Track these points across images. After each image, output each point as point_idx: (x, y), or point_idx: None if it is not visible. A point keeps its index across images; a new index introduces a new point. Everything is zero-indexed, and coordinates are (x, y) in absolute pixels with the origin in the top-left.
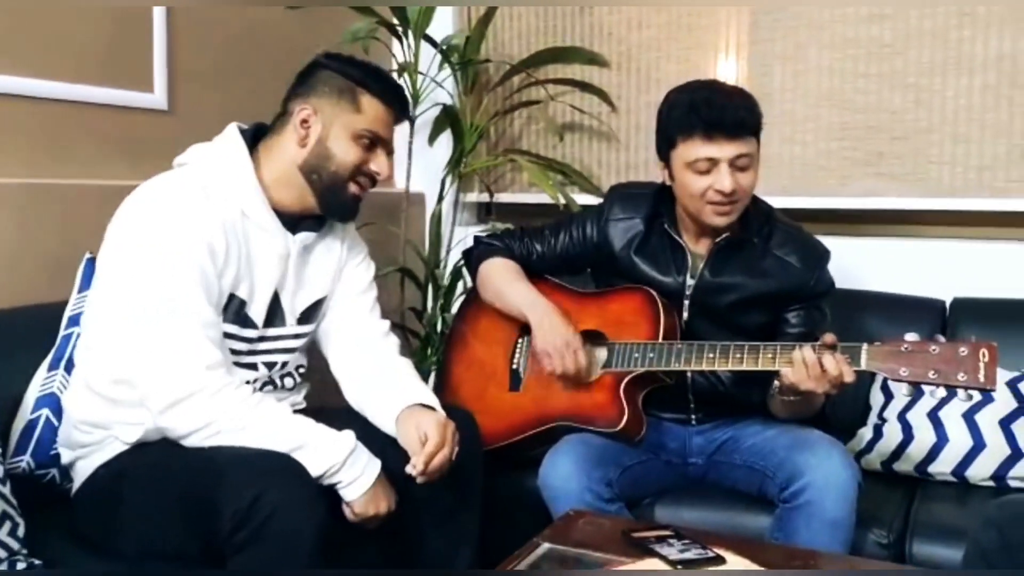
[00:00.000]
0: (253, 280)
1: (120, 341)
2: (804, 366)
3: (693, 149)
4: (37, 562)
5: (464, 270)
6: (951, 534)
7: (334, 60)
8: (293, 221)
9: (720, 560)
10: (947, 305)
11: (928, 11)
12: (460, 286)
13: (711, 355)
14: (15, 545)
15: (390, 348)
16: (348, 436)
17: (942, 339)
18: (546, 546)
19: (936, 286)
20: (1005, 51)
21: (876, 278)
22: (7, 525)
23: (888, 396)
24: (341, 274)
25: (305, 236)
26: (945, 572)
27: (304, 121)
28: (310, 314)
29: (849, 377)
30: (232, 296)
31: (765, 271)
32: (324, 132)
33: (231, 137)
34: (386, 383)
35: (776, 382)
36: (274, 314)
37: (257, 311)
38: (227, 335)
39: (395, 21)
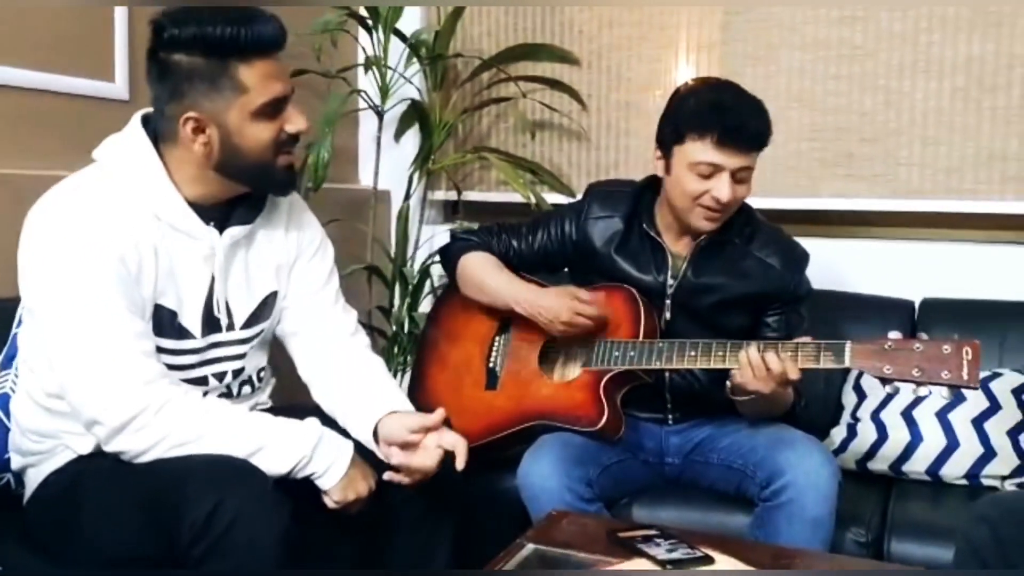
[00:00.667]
0: (178, 287)
1: (52, 360)
2: (749, 366)
3: (702, 151)
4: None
5: (437, 268)
6: (928, 532)
7: (181, 26)
8: (223, 214)
9: (708, 560)
10: (916, 305)
11: (898, 14)
12: (428, 285)
13: (692, 353)
14: None
15: (359, 347)
16: (312, 424)
17: (925, 337)
18: (531, 547)
19: (905, 287)
20: (974, 54)
21: (846, 279)
22: None
23: (861, 396)
24: (293, 268)
25: (234, 231)
26: (945, 572)
27: (195, 129)
28: (259, 314)
29: (793, 374)
30: (159, 307)
31: (746, 272)
32: (222, 132)
33: (135, 133)
34: (359, 388)
35: (728, 383)
36: (213, 321)
37: (191, 320)
38: (165, 350)
39: (365, 14)
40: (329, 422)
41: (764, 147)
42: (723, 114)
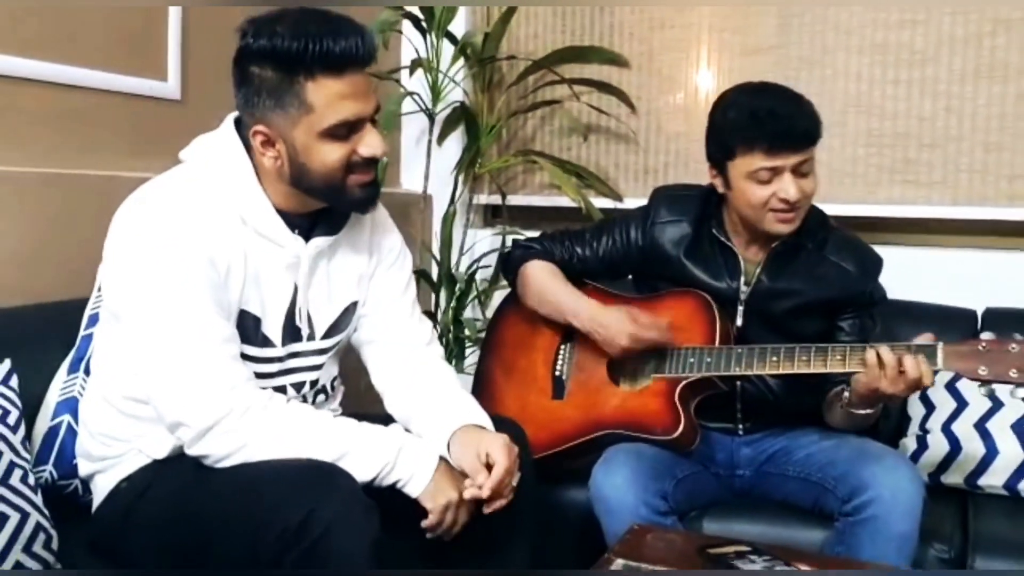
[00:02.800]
0: (262, 295)
1: (135, 362)
2: (881, 367)
3: (755, 161)
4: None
5: (483, 272)
6: (1014, 548)
7: (255, 38)
8: (309, 223)
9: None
10: (979, 315)
11: (960, 18)
12: (473, 289)
13: (774, 358)
14: (50, 558)
15: (434, 357)
16: (395, 430)
17: (1020, 337)
18: (619, 562)
19: (966, 296)
20: None
21: (905, 287)
22: (41, 537)
23: (929, 407)
24: (373, 277)
25: (319, 242)
26: None
27: (264, 143)
28: (339, 324)
29: (929, 379)
30: (244, 313)
31: (822, 277)
32: (290, 149)
33: (227, 134)
34: (434, 400)
35: (845, 393)
36: (294, 330)
37: (272, 329)
38: (247, 357)
39: (420, 16)
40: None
41: (817, 140)
42: (766, 122)
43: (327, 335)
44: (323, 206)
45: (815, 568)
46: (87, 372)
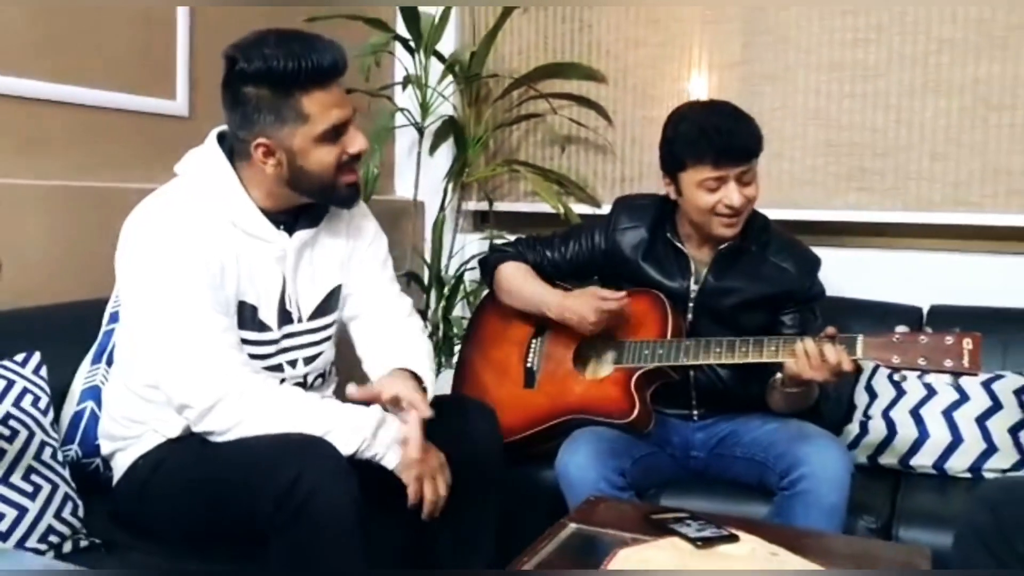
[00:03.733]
0: (256, 286)
1: (148, 354)
2: (807, 356)
3: (702, 172)
4: (97, 541)
5: (470, 274)
6: (933, 519)
7: (248, 63)
8: (291, 219)
9: (734, 538)
10: (924, 312)
11: (909, 37)
12: (461, 290)
13: (718, 350)
14: (77, 524)
15: (413, 327)
16: (373, 410)
17: (930, 330)
18: (573, 526)
19: (914, 294)
20: (980, 76)
21: (859, 286)
22: (69, 505)
23: (872, 395)
24: (351, 260)
25: (302, 235)
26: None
27: (265, 154)
28: (325, 307)
29: (847, 366)
30: (242, 304)
31: (763, 276)
32: (290, 156)
33: (212, 150)
34: (399, 360)
35: (779, 375)
36: (286, 314)
37: (268, 315)
38: (248, 341)
39: (408, 36)
40: None
41: (758, 153)
42: (713, 138)
43: (314, 316)
44: (303, 203)
45: (741, 531)
46: (108, 363)
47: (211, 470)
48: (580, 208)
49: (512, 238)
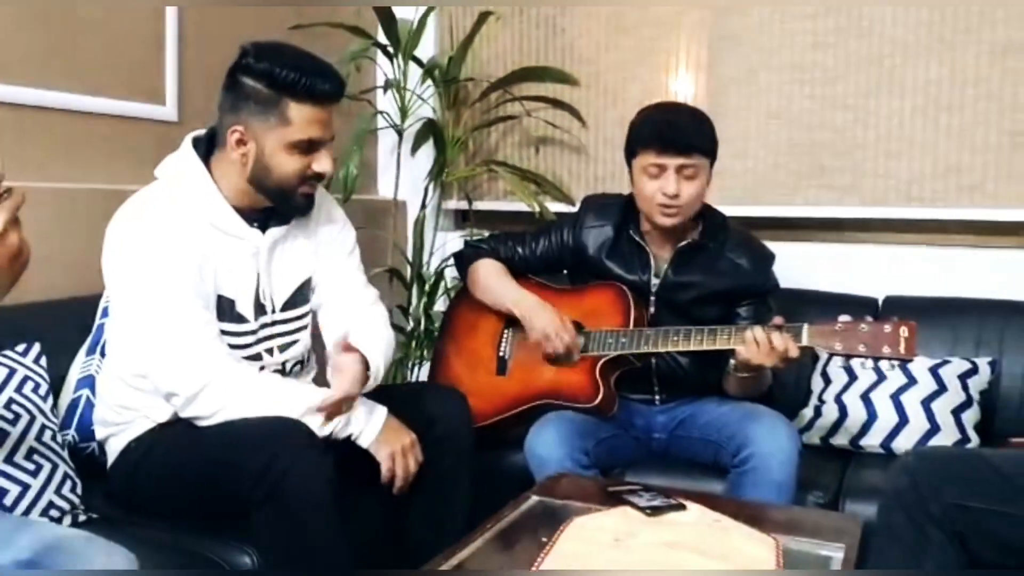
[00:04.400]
0: (234, 281)
1: (137, 347)
2: (756, 343)
3: (648, 158)
4: (95, 515)
5: (451, 270)
6: (876, 494)
7: (256, 60)
8: (264, 217)
9: (682, 507)
10: (879, 302)
11: (865, 40)
12: (442, 286)
13: (675, 338)
14: (76, 500)
15: (376, 316)
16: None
17: (870, 319)
18: (535, 498)
19: (870, 286)
20: (932, 77)
21: (818, 279)
22: (68, 483)
23: (827, 381)
24: (319, 252)
25: (274, 232)
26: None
27: (238, 141)
28: (297, 298)
29: (794, 352)
30: (221, 298)
31: (720, 271)
32: (259, 150)
33: (187, 153)
34: (355, 336)
35: (732, 361)
36: (260, 306)
37: (245, 307)
38: (227, 332)
39: (387, 43)
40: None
41: (703, 150)
42: (659, 125)
43: (286, 307)
44: (270, 204)
45: (690, 502)
46: (102, 354)
47: (197, 452)
48: (556, 206)
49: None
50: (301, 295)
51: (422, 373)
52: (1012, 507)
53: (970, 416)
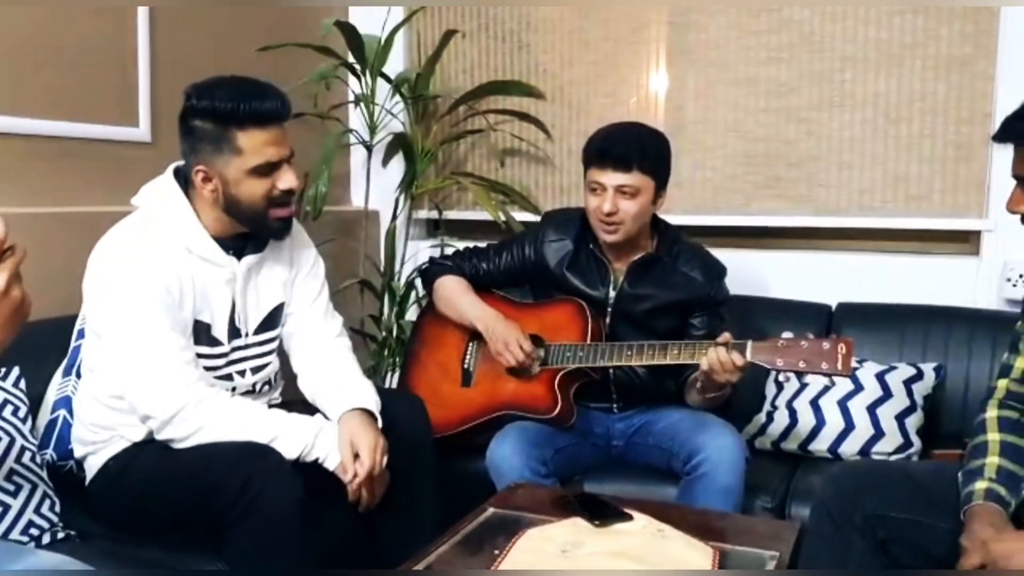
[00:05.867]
0: (211, 306)
1: (115, 371)
2: (720, 365)
3: (590, 175)
4: (72, 532)
5: (419, 283)
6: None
7: (198, 99)
8: (240, 245)
9: (628, 517)
10: (832, 308)
11: (817, 56)
12: (413, 295)
13: (629, 352)
14: (54, 519)
15: (341, 348)
16: (316, 419)
17: (811, 336)
18: (491, 510)
19: (824, 292)
20: (880, 91)
21: (773, 286)
22: (47, 502)
23: (779, 388)
24: (294, 283)
25: (249, 259)
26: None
27: (204, 180)
28: (269, 322)
29: (740, 366)
30: (198, 322)
31: (673, 284)
32: (224, 184)
33: (167, 183)
34: (334, 383)
35: (699, 383)
36: (235, 330)
37: (220, 331)
38: (202, 355)
39: (353, 61)
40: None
41: (643, 168)
42: (597, 144)
43: (258, 331)
44: (247, 231)
45: (637, 511)
46: (77, 375)
47: (172, 473)
48: (523, 216)
49: (460, 245)
50: (273, 320)
51: (394, 380)
52: (929, 517)
53: (913, 421)
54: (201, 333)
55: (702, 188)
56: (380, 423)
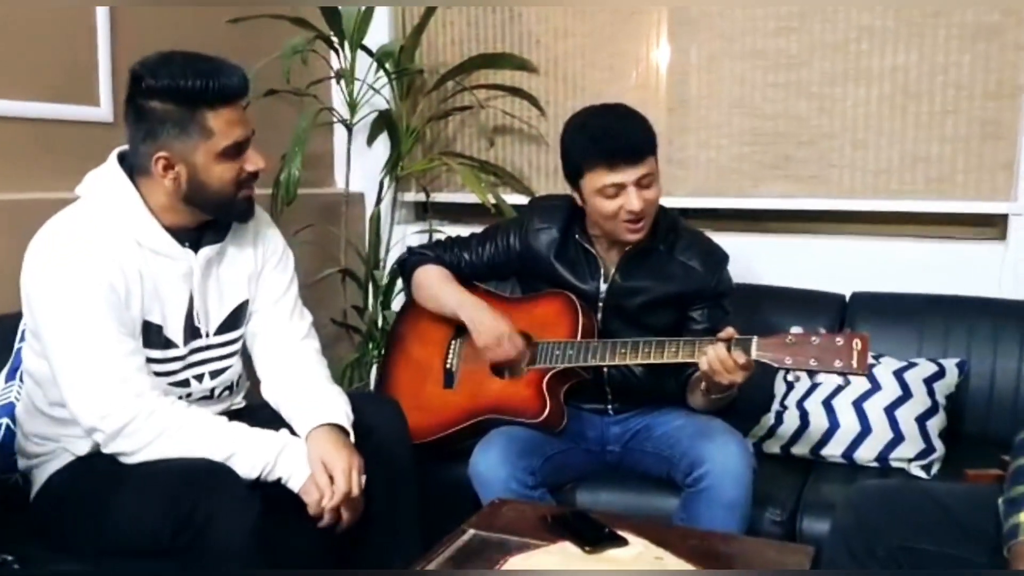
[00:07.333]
0: (163, 304)
1: (56, 378)
2: (720, 362)
3: (599, 178)
4: (9, 557)
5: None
6: (834, 511)
7: (155, 79)
8: (196, 236)
9: (623, 542)
10: (846, 299)
11: (830, 25)
12: (398, 284)
13: (623, 350)
14: None
15: (309, 351)
16: (279, 435)
17: (822, 331)
18: (471, 532)
19: (837, 281)
20: (899, 64)
21: (783, 274)
22: None
23: (789, 386)
24: (260, 278)
25: (208, 251)
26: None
27: (165, 167)
28: (232, 322)
29: (746, 367)
30: (147, 323)
31: (670, 275)
32: (190, 170)
33: (112, 169)
34: (301, 392)
35: (703, 384)
36: (193, 331)
37: (174, 331)
38: (153, 359)
39: (331, 33)
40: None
41: (653, 151)
42: (603, 140)
43: (220, 331)
44: (206, 219)
45: (633, 533)
46: (22, 380)
47: (118, 494)
48: (515, 198)
49: (449, 231)
50: (237, 318)
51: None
52: (963, 550)
53: (935, 423)
54: (152, 335)
55: (705, 169)
56: (352, 438)
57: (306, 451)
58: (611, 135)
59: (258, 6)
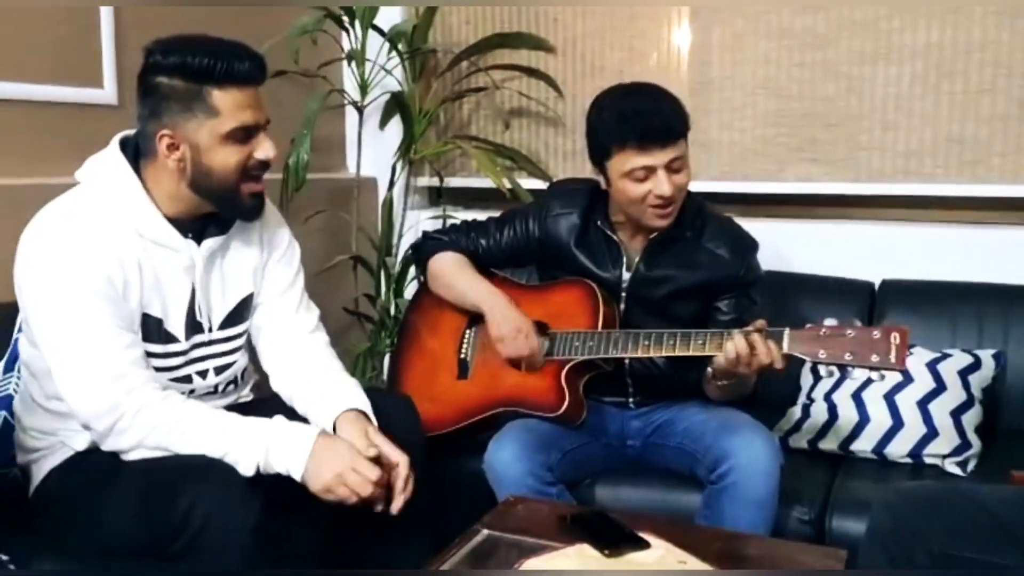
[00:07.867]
0: (163, 297)
1: (52, 372)
2: (736, 353)
3: (629, 160)
4: (4, 557)
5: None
6: (866, 510)
7: (165, 56)
8: (200, 227)
9: (645, 544)
10: (875, 287)
11: (859, 2)
12: (411, 271)
13: (646, 342)
14: None
15: (318, 344)
16: (266, 426)
17: (858, 323)
18: (485, 532)
19: (866, 268)
20: (932, 41)
21: (810, 260)
22: None
23: (816, 378)
24: (264, 270)
25: (211, 243)
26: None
27: (170, 147)
28: (236, 316)
29: (779, 364)
30: (146, 316)
31: (697, 264)
32: (194, 151)
33: (114, 155)
34: (317, 384)
35: (709, 368)
36: (196, 325)
37: (175, 326)
38: (153, 354)
39: (341, 13)
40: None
41: (684, 134)
42: (634, 120)
43: (225, 325)
44: (209, 210)
45: (655, 534)
46: (20, 372)
47: (114, 492)
48: (531, 183)
49: (464, 216)
50: (241, 312)
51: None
52: (1008, 558)
53: (971, 418)
54: (151, 329)
55: (729, 152)
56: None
57: (302, 436)
58: (643, 115)
59: None
